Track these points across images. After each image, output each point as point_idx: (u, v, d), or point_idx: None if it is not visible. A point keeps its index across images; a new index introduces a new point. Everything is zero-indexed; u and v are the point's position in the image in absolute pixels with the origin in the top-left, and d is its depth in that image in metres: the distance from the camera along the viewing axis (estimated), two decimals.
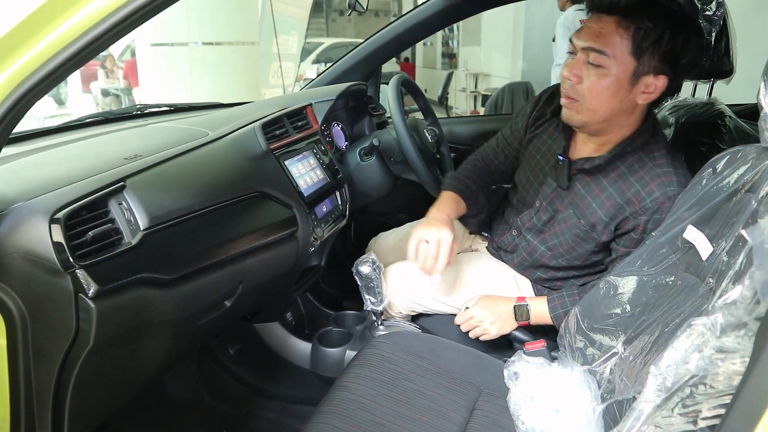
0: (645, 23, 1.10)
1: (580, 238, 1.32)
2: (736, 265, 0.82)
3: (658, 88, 1.16)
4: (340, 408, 1.08)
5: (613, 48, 1.12)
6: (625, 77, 1.14)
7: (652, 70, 1.14)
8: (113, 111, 1.72)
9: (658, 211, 1.19)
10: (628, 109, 1.19)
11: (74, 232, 0.83)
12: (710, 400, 0.67)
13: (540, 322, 1.40)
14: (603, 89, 1.16)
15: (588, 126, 1.24)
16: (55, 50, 0.68)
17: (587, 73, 1.17)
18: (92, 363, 0.87)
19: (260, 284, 1.25)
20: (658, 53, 1.12)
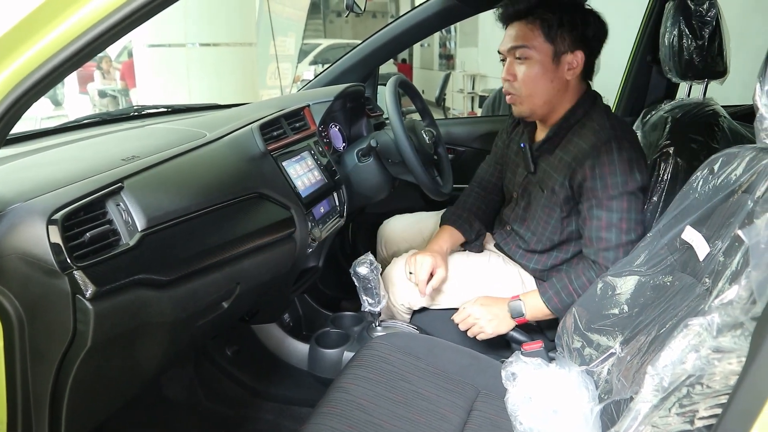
0: (545, 15, 1.34)
1: (547, 208, 1.44)
2: (732, 265, 0.83)
3: (579, 63, 1.37)
4: (337, 409, 1.08)
5: (531, 40, 1.35)
6: (548, 60, 1.36)
7: (569, 48, 1.35)
8: (111, 112, 1.73)
9: (597, 155, 1.32)
10: (562, 87, 1.39)
11: (72, 233, 0.83)
12: (707, 399, 0.67)
13: (538, 316, 1.42)
14: (534, 76, 1.37)
15: (534, 112, 1.43)
16: (54, 51, 0.68)
17: (518, 69, 1.39)
18: (90, 364, 0.87)
19: (258, 285, 1.25)
20: (567, 33, 1.34)
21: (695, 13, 1.56)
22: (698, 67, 1.58)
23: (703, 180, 1.03)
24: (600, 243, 1.34)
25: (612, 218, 1.33)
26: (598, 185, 1.33)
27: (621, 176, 1.31)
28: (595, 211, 1.35)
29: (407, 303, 1.57)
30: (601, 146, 1.32)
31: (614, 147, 1.31)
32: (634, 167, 1.32)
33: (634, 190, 1.32)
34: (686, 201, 1.05)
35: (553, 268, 1.50)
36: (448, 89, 8.10)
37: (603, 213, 1.34)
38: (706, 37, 1.55)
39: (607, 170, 1.31)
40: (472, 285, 1.54)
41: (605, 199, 1.33)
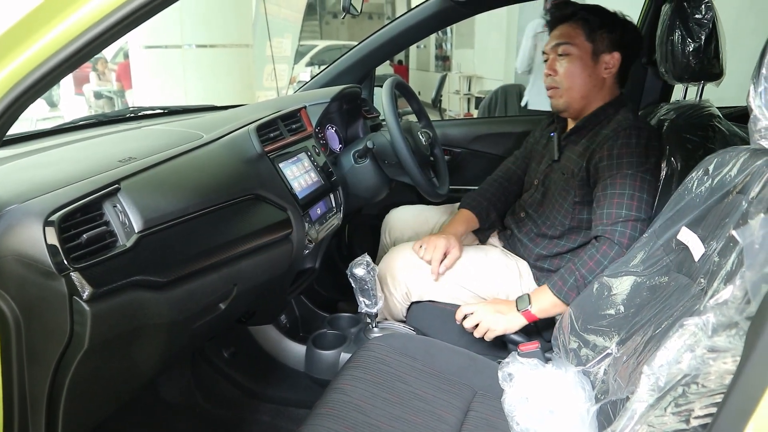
0: (588, 17, 1.49)
1: (564, 191, 1.53)
2: (727, 265, 0.83)
3: (615, 63, 1.50)
4: (335, 410, 1.08)
5: (573, 38, 1.49)
6: (588, 56, 1.49)
7: (607, 49, 1.49)
8: (107, 113, 1.72)
9: (617, 137, 1.42)
10: (598, 83, 1.51)
11: (69, 234, 0.83)
12: (702, 399, 0.67)
13: (544, 307, 1.40)
14: (573, 70, 1.50)
15: (570, 105, 1.54)
16: (52, 51, 0.68)
17: (560, 64, 1.52)
18: (87, 366, 0.86)
19: (255, 287, 1.25)
20: (607, 34, 1.48)
21: (692, 15, 1.57)
22: (695, 70, 1.59)
23: (698, 181, 1.04)
24: (609, 218, 1.38)
25: (624, 195, 1.38)
26: (614, 164, 1.40)
27: (637, 158, 1.38)
28: (609, 189, 1.40)
29: (405, 290, 1.58)
30: (621, 131, 1.42)
31: (633, 133, 1.41)
32: (650, 154, 1.40)
33: (646, 173, 1.38)
34: (682, 202, 1.05)
35: (557, 255, 1.55)
36: (444, 90, 8.12)
37: (616, 190, 1.39)
38: (703, 39, 1.55)
39: (624, 151, 1.40)
40: (471, 279, 1.56)
41: (619, 177, 1.39)
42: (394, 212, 2.00)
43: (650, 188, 1.39)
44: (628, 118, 1.47)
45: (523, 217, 1.66)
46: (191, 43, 4.10)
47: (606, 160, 1.41)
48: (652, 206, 1.39)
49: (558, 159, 1.58)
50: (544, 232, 1.57)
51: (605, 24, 1.48)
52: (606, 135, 1.45)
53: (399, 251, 1.61)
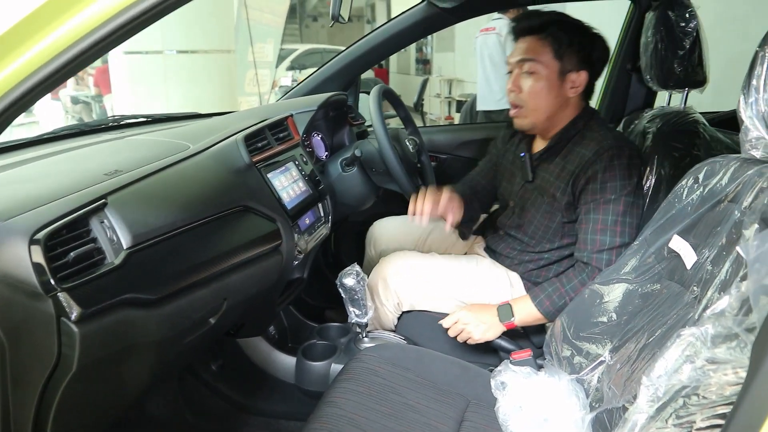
0: (557, 33, 1.41)
1: (548, 213, 1.49)
2: (721, 274, 0.84)
3: (582, 82, 1.44)
4: (329, 424, 1.07)
5: (540, 55, 1.42)
6: (554, 76, 1.42)
7: (574, 68, 1.42)
8: (88, 123, 1.69)
9: (599, 160, 1.38)
10: (563, 103, 1.46)
11: (55, 253, 0.80)
12: (704, 410, 0.67)
13: (527, 319, 1.42)
14: (539, 90, 1.43)
15: (536, 126, 1.50)
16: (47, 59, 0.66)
17: (524, 82, 1.44)
18: (75, 389, 0.84)
19: (245, 299, 1.23)
20: (575, 53, 1.41)
21: (676, 23, 1.59)
22: (679, 77, 1.61)
23: (689, 189, 1.04)
24: (594, 245, 1.38)
25: (607, 221, 1.37)
26: (597, 188, 1.38)
27: (619, 180, 1.36)
28: (591, 214, 1.39)
29: (396, 300, 1.57)
30: (603, 153, 1.38)
31: (615, 154, 1.37)
32: (633, 173, 1.38)
33: (630, 195, 1.37)
34: (672, 210, 1.06)
35: (544, 267, 1.54)
36: (426, 94, 8.13)
37: (599, 216, 1.38)
38: (687, 47, 1.58)
39: (607, 175, 1.37)
40: (460, 288, 1.56)
41: (602, 202, 1.38)
42: (377, 224, 1.96)
43: (633, 210, 1.38)
44: (606, 135, 1.42)
45: (502, 235, 1.63)
46: (172, 49, 4.05)
47: (590, 183, 1.39)
48: (636, 227, 1.38)
49: (532, 180, 1.53)
50: (530, 250, 1.55)
51: (574, 42, 1.41)
52: (586, 156, 1.40)
53: (390, 261, 1.60)
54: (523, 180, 1.56)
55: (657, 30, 1.63)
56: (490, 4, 2.00)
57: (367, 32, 2.05)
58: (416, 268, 1.58)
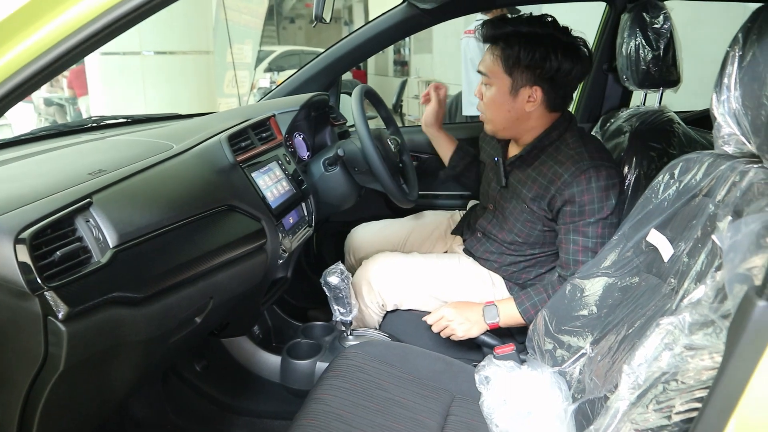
0: (505, 48, 1.39)
1: (529, 221, 1.49)
2: (696, 265, 0.87)
3: (537, 97, 1.40)
4: (316, 421, 1.08)
5: (491, 69, 1.42)
6: (505, 91, 1.42)
7: (527, 83, 1.39)
8: (68, 123, 1.67)
9: (577, 182, 1.36)
10: (522, 116, 1.44)
11: (41, 252, 0.80)
12: (682, 395, 0.70)
13: (510, 322, 1.45)
14: (491, 102, 1.45)
15: (497, 133, 1.51)
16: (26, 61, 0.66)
17: (484, 91, 1.47)
18: (61, 388, 0.83)
19: (230, 298, 1.23)
20: (525, 69, 1.38)
21: (650, 24, 1.63)
22: (654, 77, 1.66)
23: (665, 185, 1.07)
24: (576, 265, 1.38)
25: (588, 243, 1.38)
26: (576, 211, 1.38)
27: (597, 203, 1.36)
28: (571, 236, 1.40)
29: (381, 302, 1.58)
30: (580, 174, 1.36)
31: (593, 175, 1.35)
32: (611, 194, 1.37)
33: (608, 216, 1.37)
34: (650, 205, 1.09)
35: (525, 269, 1.55)
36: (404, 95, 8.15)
37: (579, 238, 1.39)
38: (661, 47, 1.62)
39: (585, 198, 1.36)
40: (444, 287, 1.57)
41: (581, 225, 1.38)
42: (354, 232, 1.95)
43: (611, 228, 1.36)
44: (582, 154, 1.38)
45: (480, 237, 1.64)
46: (150, 50, 4.01)
47: (568, 205, 1.38)
48: None
49: (505, 185, 1.54)
50: (509, 253, 1.56)
51: (522, 57, 1.36)
52: (562, 177, 1.38)
53: (373, 262, 1.61)
54: (498, 185, 1.57)
55: (632, 31, 1.67)
56: (468, 6, 2.02)
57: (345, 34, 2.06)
58: (399, 268, 1.59)
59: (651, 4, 1.66)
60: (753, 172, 0.81)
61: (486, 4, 2.02)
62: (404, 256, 1.64)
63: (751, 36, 0.81)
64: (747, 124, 0.81)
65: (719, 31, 1.75)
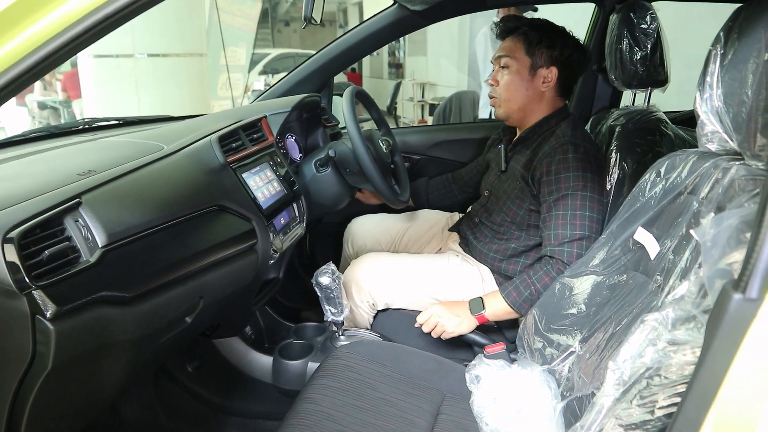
0: (529, 32, 1.55)
1: (518, 199, 1.58)
2: (681, 262, 0.88)
3: (553, 78, 1.55)
4: (306, 420, 1.08)
5: (513, 51, 1.56)
6: (525, 70, 1.56)
7: (545, 64, 1.54)
8: (59, 125, 1.67)
9: (554, 153, 1.47)
10: (536, 97, 1.58)
11: (29, 251, 0.80)
12: (665, 390, 0.71)
13: (497, 312, 1.46)
14: (511, 82, 1.57)
15: (510, 116, 1.62)
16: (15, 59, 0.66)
17: (501, 75, 1.59)
18: (50, 388, 0.84)
19: (221, 299, 1.23)
20: (545, 50, 1.54)
21: (638, 25, 1.64)
22: (642, 76, 1.67)
23: (651, 183, 1.08)
24: (557, 239, 1.43)
25: (567, 215, 1.43)
26: (552, 180, 1.46)
27: (572, 172, 1.43)
28: (552, 211, 1.45)
29: (371, 301, 1.59)
30: (558, 147, 1.48)
31: (570, 149, 1.46)
32: (587, 168, 1.44)
33: (585, 189, 1.43)
34: (637, 203, 1.10)
35: (512, 258, 1.59)
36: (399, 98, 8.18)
37: (559, 212, 1.44)
38: (649, 48, 1.63)
39: (561, 167, 1.45)
40: (433, 285, 1.58)
41: (560, 198, 1.44)
42: (355, 222, 2.02)
43: (592, 204, 1.43)
44: (566, 133, 1.51)
45: (477, 222, 1.72)
46: (143, 52, 4.00)
47: (545, 176, 1.47)
48: (598, 221, 1.43)
49: (505, 170, 1.64)
50: (498, 237, 1.62)
51: (543, 39, 1.54)
52: (545, 151, 1.50)
53: (363, 261, 1.62)
54: (498, 171, 1.66)
55: (620, 31, 1.69)
56: (459, 8, 2.03)
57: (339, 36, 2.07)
58: (388, 268, 1.60)
59: (638, 4, 1.68)
60: (735, 169, 0.82)
61: (476, 6, 2.03)
62: (393, 256, 1.67)
63: (732, 35, 0.82)
64: (729, 122, 0.82)
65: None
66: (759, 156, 0.77)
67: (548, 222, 1.46)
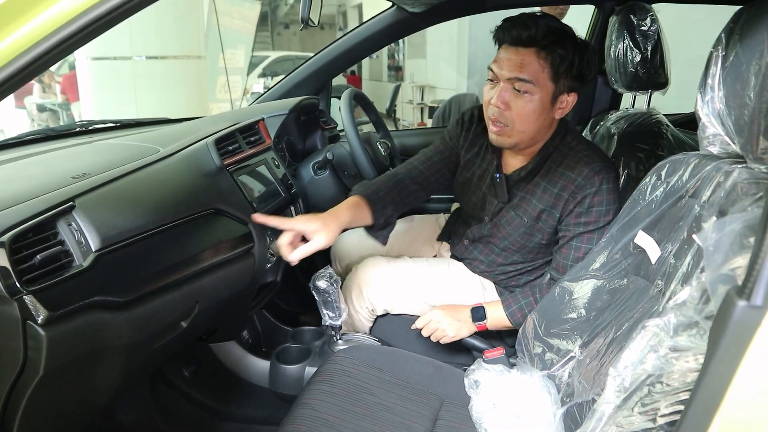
0: (559, 51, 1.25)
1: (527, 234, 1.44)
2: (683, 267, 0.86)
3: (570, 104, 1.33)
4: (303, 426, 1.06)
5: (536, 75, 1.26)
6: (548, 99, 1.29)
7: (566, 90, 1.31)
8: (55, 128, 1.66)
9: (590, 183, 1.33)
10: (549, 124, 1.36)
11: (20, 255, 0.79)
12: (667, 397, 0.69)
13: (498, 325, 1.44)
14: (531, 113, 1.30)
15: (518, 145, 1.38)
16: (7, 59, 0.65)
17: (514, 100, 1.29)
18: (42, 394, 0.82)
19: (217, 303, 1.22)
20: (571, 75, 1.29)
21: (638, 27, 1.64)
22: (642, 79, 1.66)
23: (652, 186, 1.07)
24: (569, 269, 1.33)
25: (587, 250, 1.33)
26: (583, 212, 1.34)
27: (605, 206, 1.34)
28: (574, 242, 1.37)
29: (370, 307, 1.57)
30: (593, 176, 1.32)
31: (604, 177, 1.32)
32: (616, 198, 1.35)
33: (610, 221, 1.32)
34: (637, 207, 1.09)
35: (514, 277, 1.54)
36: (398, 100, 8.19)
37: (582, 245, 1.36)
38: (649, 50, 1.63)
39: (596, 200, 1.33)
40: (434, 292, 1.56)
41: (587, 231, 1.35)
42: (340, 239, 1.85)
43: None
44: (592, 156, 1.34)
45: (467, 245, 1.59)
46: (141, 55, 3.99)
47: (578, 207, 1.34)
48: None
49: (508, 200, 1.45)
50: (500, 262, 1.53)
51: (574, 62, 1.27)
52: (576, 180, 1.33)
53: (363, 267, 1.60)
54: (499, 201, 1.47)
55: (620, 34, 1.68)
56: (458, 10, 2.02)
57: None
58: (389, 273, 1.58)
59: (638, 6, 1.67)
60: (737, 172, 0.81)
61: (475, 8, 2.02)
62: (394, 261, 1.63)
63: (733, 36, 0.81)
64: (731, 125, 0.81)
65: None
66: (762, 159, 0.75)
67: (566, 251, 1.38)
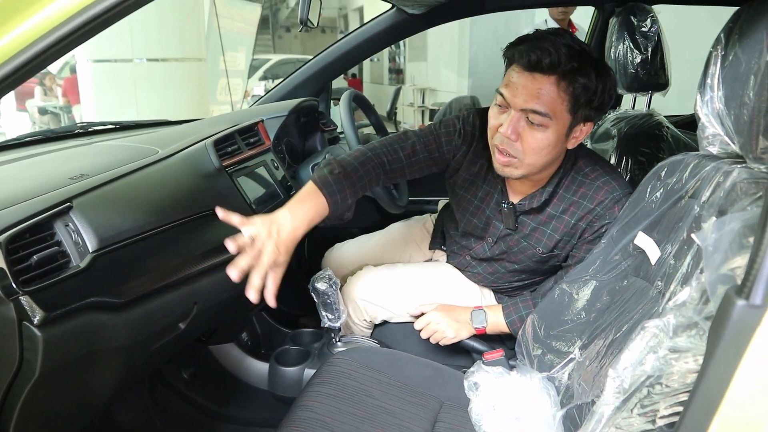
0: (581, 80, 1.12)
1: (542, 261, 1.40)
2: (683, 267, 0.86)
3: (585, 133, 1.22)
4: (301, 428, 1.06)
5: (554, 107, 1.14)
6: (563, 132, 1.18)
7: (583, 120, 1.19)
8: (54, 129, 1.66)
9: (609, 214, 1.27)
10: (561, 154, 1.26)
11: (17, 256, 0.79)
12: (667, 398, 0.69)
13: (497, 330, 1.43)
14: (544, 146, 1.18)
15: (526, 176, 1.27)
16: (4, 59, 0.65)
17: (528, 133, 1.17)
18: (38, 396, 0.82)
19: (215, 304, 1.22)
20: (590, 106, 1.16)
21: (638, 28, 1.63)
22: (643, 80, 1.66)
23: (651, 187, 1.07)
24: None
25: None
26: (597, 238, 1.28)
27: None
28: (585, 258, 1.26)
29: (369, 318, 1.56)
30: (613, 206, 1.26)
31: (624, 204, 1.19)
32: None
33: None
34: (637, 208, 1.09)
35: (517, 289, 1.53)
36: (399, 103, 8.20)
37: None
38: (649, 51, 1.62)
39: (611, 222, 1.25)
40: (432, 296, 1.55)
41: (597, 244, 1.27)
42: (332, 251, 1.84)
43: None
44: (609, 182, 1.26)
45: (469, 260, 1.52)
46: (142, 57, 4.00)
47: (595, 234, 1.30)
48: None
49: (516, 228, 1.37)
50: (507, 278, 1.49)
51: (595, 94, 1.15)
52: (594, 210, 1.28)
53: (358, 280, 1.57)
54: (507, 229, 1.39)
55: (620, 35, 1.68)
56: (458, 12, 2.02)
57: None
58: (385, 282, 1.55)
59: (638, 7, 1.67)
60: (737, 172, 0.80)
61: (475, 10, 2.02)
62: (389, 269, 1.59)
63: (732, 36, 0.81)
64: (730, 125, 0.80)
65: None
66: (761, 159, 0.75)
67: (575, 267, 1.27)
